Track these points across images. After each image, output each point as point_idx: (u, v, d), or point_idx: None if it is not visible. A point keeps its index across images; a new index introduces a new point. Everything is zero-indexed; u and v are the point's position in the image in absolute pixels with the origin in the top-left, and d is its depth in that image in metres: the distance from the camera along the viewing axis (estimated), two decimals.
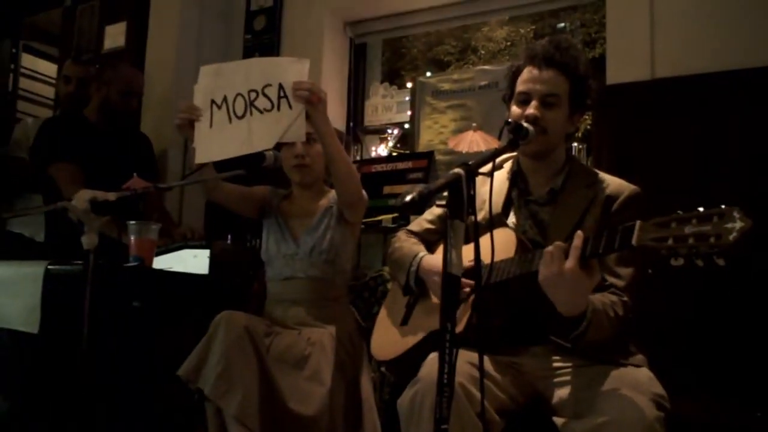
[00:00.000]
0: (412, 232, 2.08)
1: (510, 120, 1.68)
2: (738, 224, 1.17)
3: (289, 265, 2.27)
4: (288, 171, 2.32)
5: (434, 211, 2.05)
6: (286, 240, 2.30)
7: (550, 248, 1.47)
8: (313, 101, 1.95)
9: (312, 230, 2.28)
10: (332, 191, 2.35)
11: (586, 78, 1.78)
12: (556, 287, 1.46)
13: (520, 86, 1.78)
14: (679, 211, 1.27)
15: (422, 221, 2.08)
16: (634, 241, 1.32)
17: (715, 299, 2.43)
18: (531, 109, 1.72)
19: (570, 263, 1.42)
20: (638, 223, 1.33)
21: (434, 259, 1.85)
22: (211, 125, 2.05)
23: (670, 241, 1.26)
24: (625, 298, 1.63)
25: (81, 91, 3.39)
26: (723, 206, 1.21)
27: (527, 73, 1.77)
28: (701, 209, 1.23)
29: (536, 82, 1.74)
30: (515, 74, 1.82)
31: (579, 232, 1.46)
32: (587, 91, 1.79)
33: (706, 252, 1.20)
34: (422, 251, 1.93)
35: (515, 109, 1.77)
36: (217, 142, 2.03)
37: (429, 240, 2.04)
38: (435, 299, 1.84)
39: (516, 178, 1.86)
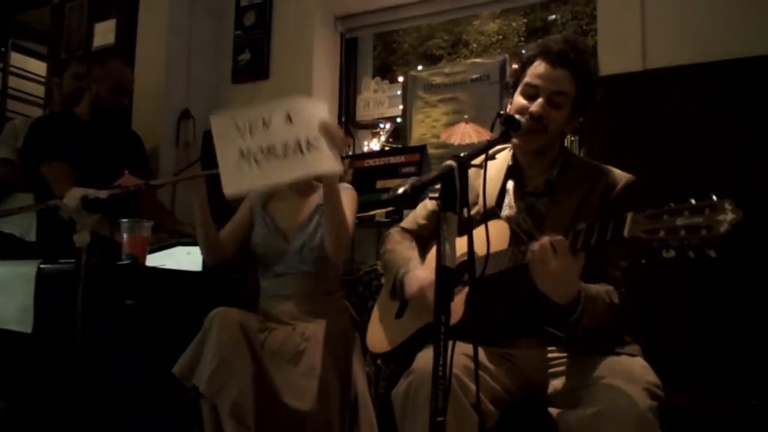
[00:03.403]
0: (405, 230, 2.07)
1: (502, 112, 1.68)
2: (729, 216, 1.17)
3: (281, 262, 2.26)
4: None
5: (428, 207, 2.04)
6: (276, 238, 2.29)
7: (536, 247, 1.48)
8: (340, 150, 1.90)
9: (302, 227, 2.27)
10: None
11: (595, 84, 1.77)
12: (551, 282, 1.49)
13: (529, 78, 1.74)
14: (671, 203, 1.27)
15: (416, 218, 2.07)
16: (625, 233, 1.33)
17: (708, 289, 2.44)
18: (536, 107, 1.70)
19: (562, 258, 1.44)
20: (630, 214, 1.33)
21: (419, 274, 1.82)
22: (239, 157, 1.93)
23: (661, 233, 1.26)
24: (622, 288, 1.64)
25: None
26: (714, 198, 1.21)
27: (539, 66, 1.73)
28: (693, 201, 1.23)
29: (547, 79, 1.71)
30: (525, 64, 1.78)
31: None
32: (593, 96, 1.77)
33: (697, 244, 1.20)
34: (413, 260, 1.91)
35: (520, 100, 1.75)
36: (245, 174, 1.92)
37: (423, 236, 2.04)
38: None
39: (512, 170, 1.86)
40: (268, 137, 1.90)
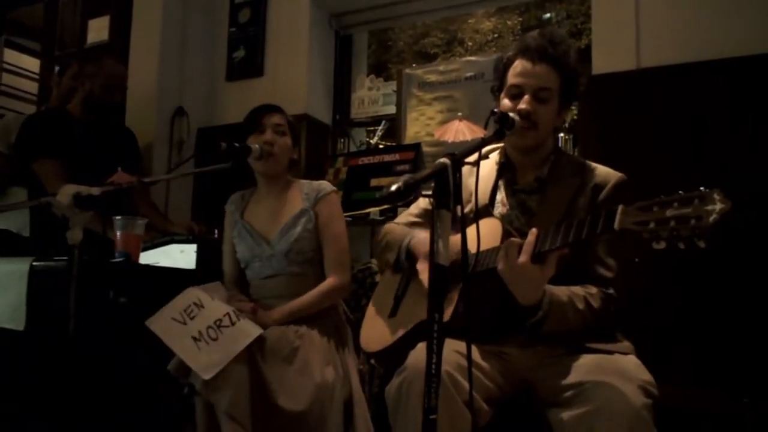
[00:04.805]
0: (399, 225, 2.08)
1: (496, 110, 1.68)
2: (718, 206, 1.18)
3: (267, 266, 2.25)
4: (253, 161, 2.26)
5: (420, 205, 2.05)
6: (259, 244, 2.27)
7: (505, 243, 1.52)
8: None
9: (286, 231, 2.24)
10: (302, 183, 2.33)
11: (577, 74, 1.78)
12: (511, 280, 1.53)
13: (512, 79, 1.76)
14: (661, 195, 1.28)
15: (408, 215, 2.07)
16: (616, 225, 1.33)
17: (702, 287, 2.45)
18: (523, 104, 1.71)
19: (522, 258, 1.49)
20: (620, 207, 1.34)
21: (427, 236, 1.84)
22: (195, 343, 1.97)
23: (651, 225, 1.26)
24: (610, 291, 1.64)
25: None
26: (703, 189, 1.21)
27: (520, 66, 1.75)
28: (681, 192, 1.24)
29: (529, 76, 1.72)
30: (506, 66, 1.80)
31: (533, 229, 1.51)
32: (577, 86, 1.79)
33: (687, 235, 1.21)
34: (416, 231, 1.93)
35: (507, 102, 1.76)
36: (210, 353, 1.94)
37: None
38: (423, 285, 1.82)
39: (503, 168, 1.86)
40: (209, 315, 2.01)
